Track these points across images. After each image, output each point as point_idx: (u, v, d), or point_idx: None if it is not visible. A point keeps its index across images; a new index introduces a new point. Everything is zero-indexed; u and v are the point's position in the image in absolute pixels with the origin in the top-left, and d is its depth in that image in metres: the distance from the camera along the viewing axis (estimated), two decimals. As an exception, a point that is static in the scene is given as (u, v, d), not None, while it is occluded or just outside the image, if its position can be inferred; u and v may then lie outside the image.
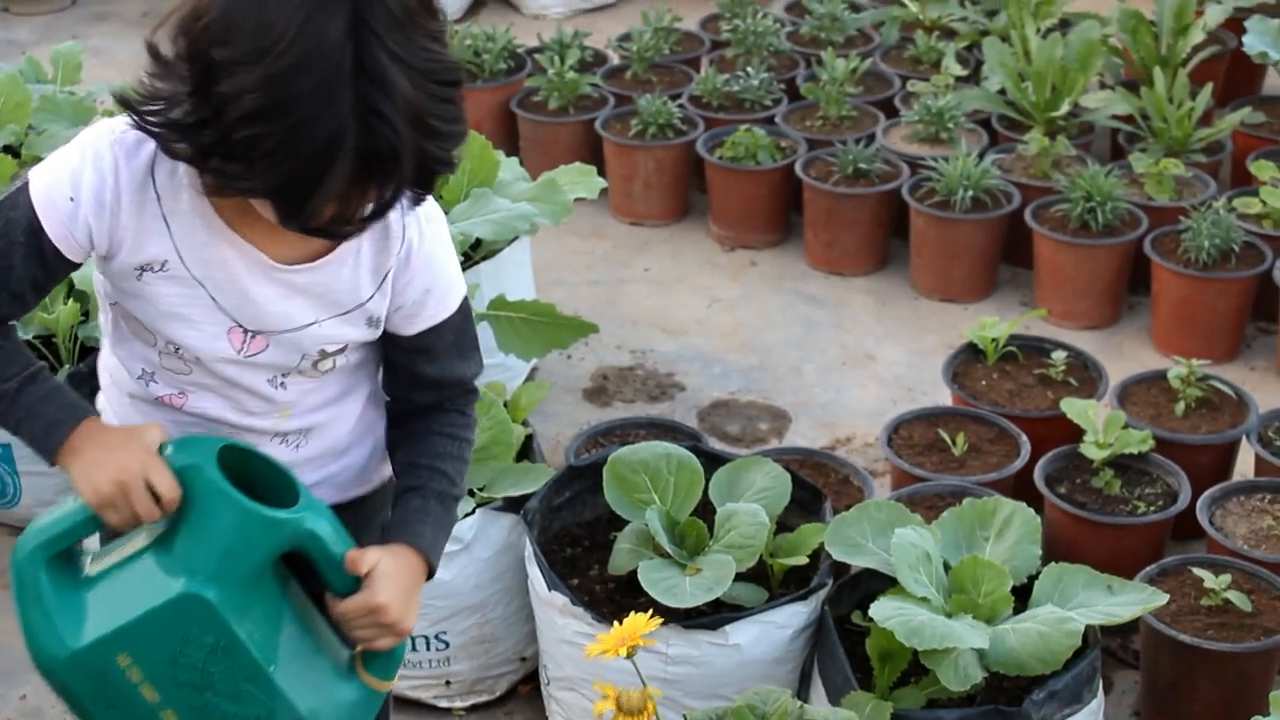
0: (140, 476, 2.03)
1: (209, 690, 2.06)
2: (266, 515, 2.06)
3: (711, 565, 3.13)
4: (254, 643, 2.06)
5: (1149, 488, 3.75)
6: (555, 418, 4.46)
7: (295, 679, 2.11)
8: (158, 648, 2.03)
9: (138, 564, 2.06)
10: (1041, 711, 2.98)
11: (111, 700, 2.04)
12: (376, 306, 2.20)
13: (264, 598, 2.11)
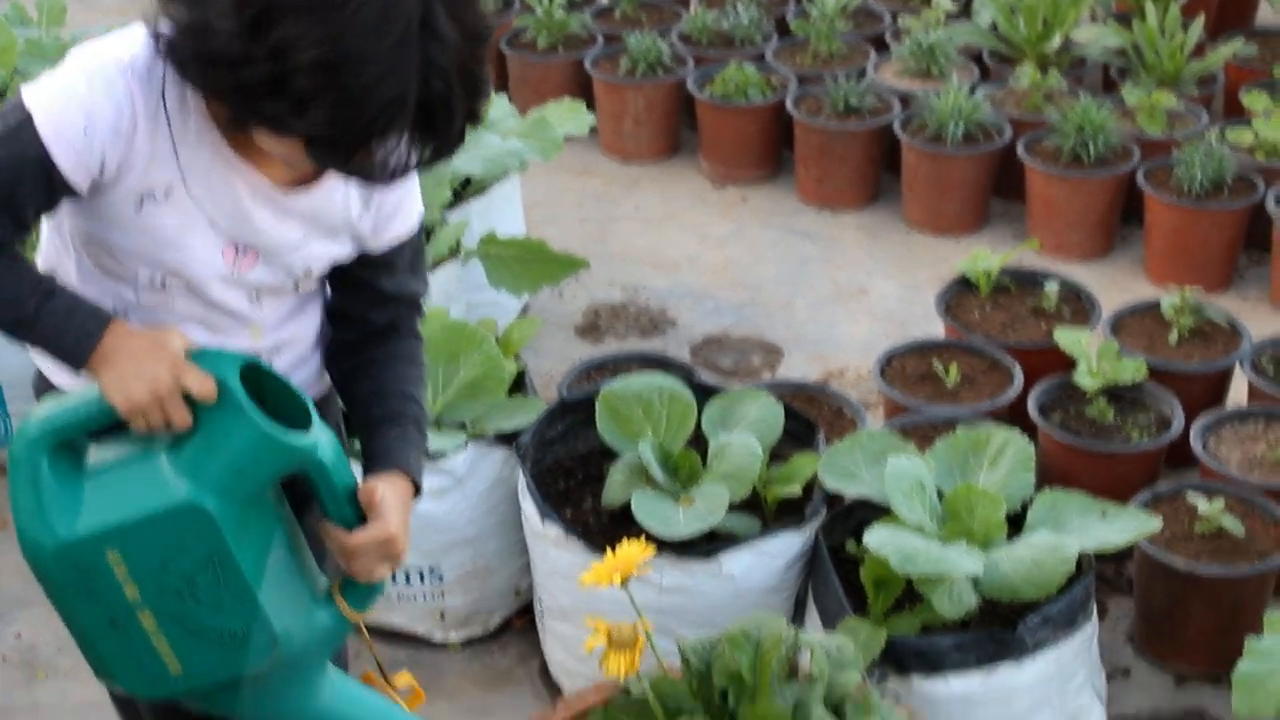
0: (174, 385, 2.03)
1: (191, 599, 2.05)
2: (282, 439, 2.06)
3: (705, 496, 3.12)
4: (245, 561, 2.06)
5: (1142, 416, 3.75)
6: (548, 354, 4.46)
7: (276, 600, 2.11)
8: (150, 551, 2.03)
9: (145, 466, 2.05)
10: (1036, 636, 2.98)
11: (92, 593, 2.04)
12: (361, 225, 2.22)
13: (260, 517, 2.11)
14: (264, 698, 2.18)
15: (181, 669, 2.10)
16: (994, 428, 3.27)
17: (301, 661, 2.18)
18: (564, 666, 3.35)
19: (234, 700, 2.16)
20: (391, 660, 3.50)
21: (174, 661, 2.09)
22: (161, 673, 2.10)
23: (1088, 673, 3.16)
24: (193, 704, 2.20)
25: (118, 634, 2.07)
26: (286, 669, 2.17)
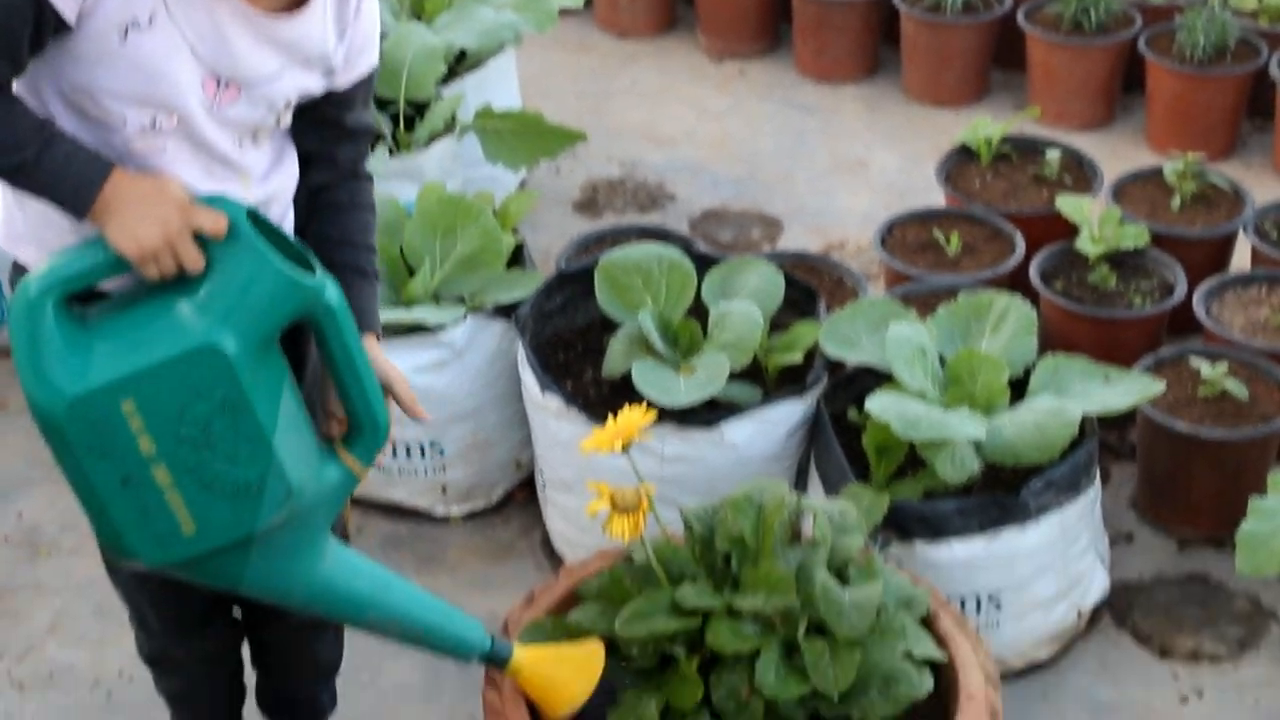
0: (184, 226, 2.01)
1: (207, 449, 2.04)
2: (294, 277, 2.05)
3: (706, 364, 3.11)
4: (260, 406, 2.05)
5: (1145, 281, 3.72)
6: (545, 229, 4.43)
7: (289, 450, 2.10)
8: (166, 398, 2.01)
9: (157, 312, 2.03)
10: (1039, 500, 2.98)
11: (105, 449, 2.02)
12: (335, 57, 2.23)
13: (271, 365, 2.09)
14: (270, 561, 2.17)
15: (195, 528, 2.09)
16: (996, 293, 3.24)
17: (310, 518, 2.18)
18: (565, 538, 3.35)
19: (241, 565, 2.15)
20: (393, 535, 3.51)
21: (187, 520, 2.08)
22: (173, 533, 2.09)
23: (1091, 537, 3.16)
24: (198, 575, 2.19)
25: (130, 493, 2.05)
26: (295, 527, 2.16)
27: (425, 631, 2.34)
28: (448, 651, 2.38)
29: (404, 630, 2.33)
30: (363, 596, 2.28)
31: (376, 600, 2.29)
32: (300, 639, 2.69)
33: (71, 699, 3.14)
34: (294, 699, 2.79)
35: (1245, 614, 3.29)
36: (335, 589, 2.25)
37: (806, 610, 2.51)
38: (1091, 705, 3.10)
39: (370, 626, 2.33)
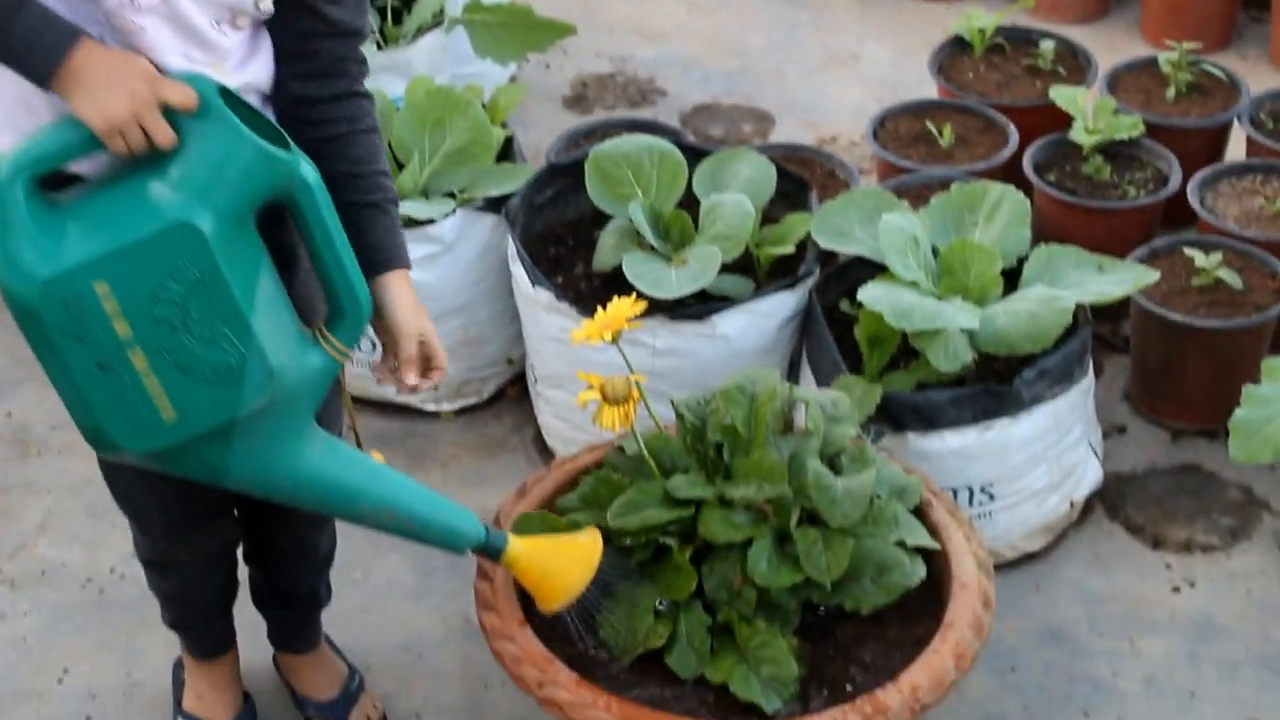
0: (152, 98, 1.98)
1: (184, 331, 2.02)
2: (269, 151, 2.02)
3: (697, 256, 3.09)
4: (237, 285, 2.02)
5: (1139, 173, 3.70)
6: (535, 125, 4.39)
7: (268, 332, 2.08)
8: (140, 278, 1.99)
9: (128, 191, 2.01)
10: (1032, 390, 2.97)
11: (80, 333, 2.00)
12: None
13: (247, 245, 2.06)
14: (254, 450, 2.15)
15: (175, 414, 2.07)
16: (989, 183, 3.22)
17: (293, 405, 2.16)
18: (557, 433, 3.34)
19: (224, 455, 2.14)
20: (385, 432, 3.50)
21: (167, 405, 2.06)
22: (153, 420, 2.07)
23: (1084, 428, 3.15)
24: (180, 466, 2.17)
25: (107, 379, 2.03)
26: (278, 414, 2.14)
27: (418, 523, 2.32)
28: (441, 543, 2.37)
29: (396, 522, 2.32)
30: (352, 487, 2.27)
31: (367, 491, 2.28)
32: (300, 534, 2.69)
33: (63, 596, 3.14)
34: (291, 593, 2.79)
35: (1238, 504, 3.29)
36: (323, 479, 2.24)
37: (799, 499, 2.51)
38: (1084, 596, 3.11)
39: (361, 518, 2.31)
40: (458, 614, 3.08)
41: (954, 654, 2.44)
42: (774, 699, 2.42)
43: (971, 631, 2.47)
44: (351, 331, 2.19)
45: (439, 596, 3.12)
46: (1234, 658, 2.98)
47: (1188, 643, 3.01)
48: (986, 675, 2.95)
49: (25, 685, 2.97)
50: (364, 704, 2.85)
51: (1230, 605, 3.08)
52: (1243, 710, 2.88)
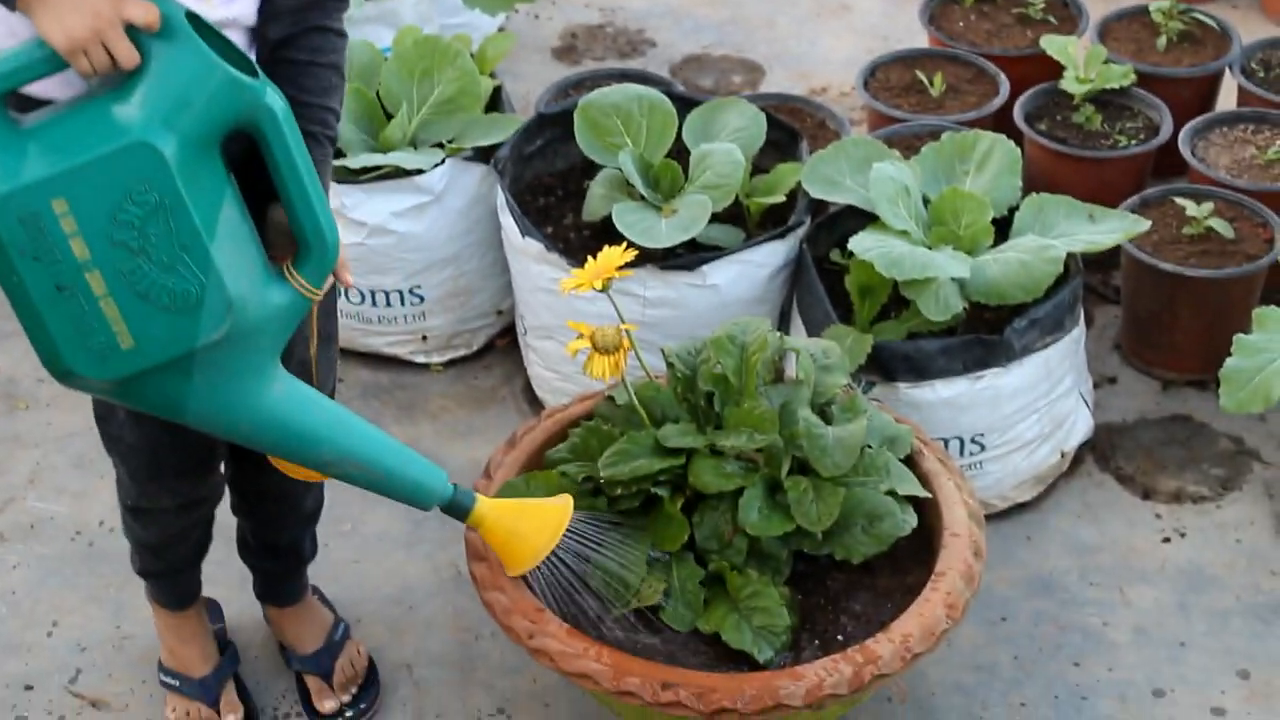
0: (115, 16, 1.95)
1: (143, 255, 2.00)
2: (235, 75, 1.99)
3: (687, 206, 3.07)
4: (198, 211, 2.00)
5: (1130, 122, 3.68)
6: (524, 77, 4.37)
7: (229, 262, 2.05)
8: (99, 198, 1.97)
9: (90, 110, 1.98)
10: (1023, 340, 2.96)
11: (38, 251, 1.98)
12: None
13: (211, 173, 2.04)
14: (214, 386, 2.12)
15: (133, 341, 2.05)
16: (980, 132, 3.21)
17: (255, 341, 2.12)
18: (547, 384, 3.33)
19: (184, 389, 2.10)
20: (374, 384, 3.49)
21: (124, 332, 2.04)
22: (111, 346, 2.04)
23: (1075, 379, 3.15)
24: (139, 399, 2.14)
25: (64, 301, 2.01)
26: (239, 350, 2.10)
27: (384, 475, 2.29)
28: (407, 498, 2.34)
29: (361, 472, 2.28)
30: (315, 433, 2.23)
31: (331, 438, 2.24)
32: (287, 488, 2.68)
33: (52, 549, 3.13)
34: (276, 545, 2.78)
35: (1228, 454, 3.29)
36: (285, 423, 2.20)
37: (789, 449, 2.51)
38: (1074, 546, 3.11)
39: (324, 466, 2.27)
40: (448, 565, 3.08)
41: (945, 603, 2.44)
42: (766, 648, 2.42)
43: (963, 580, 2.47)
44: (318, 269, 2.15)
45: (429, 547, 3.12)
46: (1224, 607, 2.98)
47: (1178, 593, 3.01)
48: (977, 625, 2.95)
49: (14, 638, 2.97)
50: (349, 652, 2.85)
51: (1220, 555, 3.08)
52: (1232, 660, 2.89)
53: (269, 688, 2.88)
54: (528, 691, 2.85)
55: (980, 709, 2.81)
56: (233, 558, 2.85)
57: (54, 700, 2.86)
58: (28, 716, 2.83)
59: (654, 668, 2.37)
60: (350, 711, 2.81)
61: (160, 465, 2.48)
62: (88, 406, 3.36)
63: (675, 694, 2.33)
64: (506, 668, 2.89)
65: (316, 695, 2.82)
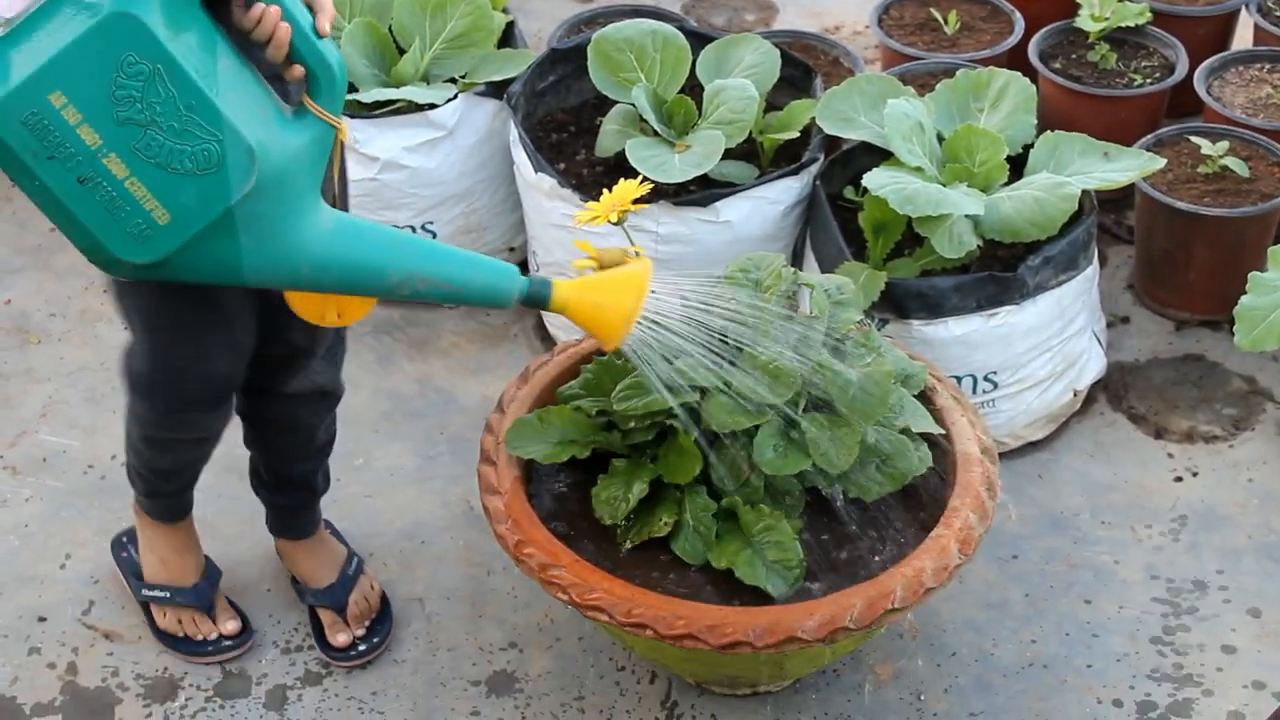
0: None
1: (153, 127, 1.99)
2: None
3: (700, 141, 3.06)
4: (191, 65, 1.98)
5: (1146, 61, 3.66)
6: (537, 13, 4.34)
7: (239, 112, 2.03)
8: (93, 80, 1.96)
9: (57, 2, 1.96)
10: (1037, 277, 2.96)
11: (51, 150, 1.98)
12: None
13: (196, 27, 2.01)
14: (263, 238, 2.09)
15: (169, 215, 2.03)
16: (995, 69, 3.19)
17: (289, 184, 2.10)
18: (559, 321, 3.33)
19: (234, 249, 2.08)
20: (386, 319, 3.49)
21: (158, 208, 2.02)
22: (149, 225, 2.03)
23: (1088, 317, 3.14)
24: (195, 273, 2.12)
25: (92, 192, 2.00)
26: (275, 196, 2.08)
27: (455, 284, 2.21)
28: (484, 301, 2.26)
29: (432, 287, 2.21)
30: (376, 260, 2.18)
31: (393, 261, 2.18)
32: (299, 419, 2.70)
33: (64, 483, 3.13)
34: (289, 478, 2.79)
35: (1241, 394, 3.29)
36: (345, 257, 2.16)
37: (806, 387, 2.50)
38: (1086, 485, 3.11)
39: (395, 290, 2.20)
40: (460, 500, 3.08)
41: (958, 539, 2.44)
42: (779, 583, 2.42)
43: (976, 516, 2.47)
44: (331, 94, 2.12)
45: (441, 482, 3.12)
46: (1236, 547, 2.98)
47: (1189, 532, 3.01)
48: (988, 563, 2.95)
49: (28, 571, 2.97)
50: (362, 586, 2.86)
51: (1232, 495, 3.08)
52: (1244, 599, 2.89)
53: (281, 621, 2.88)
54: (539, 626, 2.85)
55: (991, 646, 2.82)
56: (244, 494, 2.86)
57: (67, 632, 2.87)
58: (41, 648, 2.84)
59: (667, 601, 2.37)
60: (364, 645, 2.82)
61: (187, 400, 2.49)
62: (99, 341, 3.38)
63: (688, 626, 2.33)
64: (518, 603, 2.89)
65: (330, 629, 2.83)
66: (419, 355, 3.41)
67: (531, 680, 2.78)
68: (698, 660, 2.52)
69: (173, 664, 2.81)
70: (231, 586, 2.91)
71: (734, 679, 2.68)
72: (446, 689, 2.77)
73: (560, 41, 3.54)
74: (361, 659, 2.82)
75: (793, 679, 2.73)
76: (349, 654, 2.82)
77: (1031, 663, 2.79)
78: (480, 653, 2.82)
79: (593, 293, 2.28)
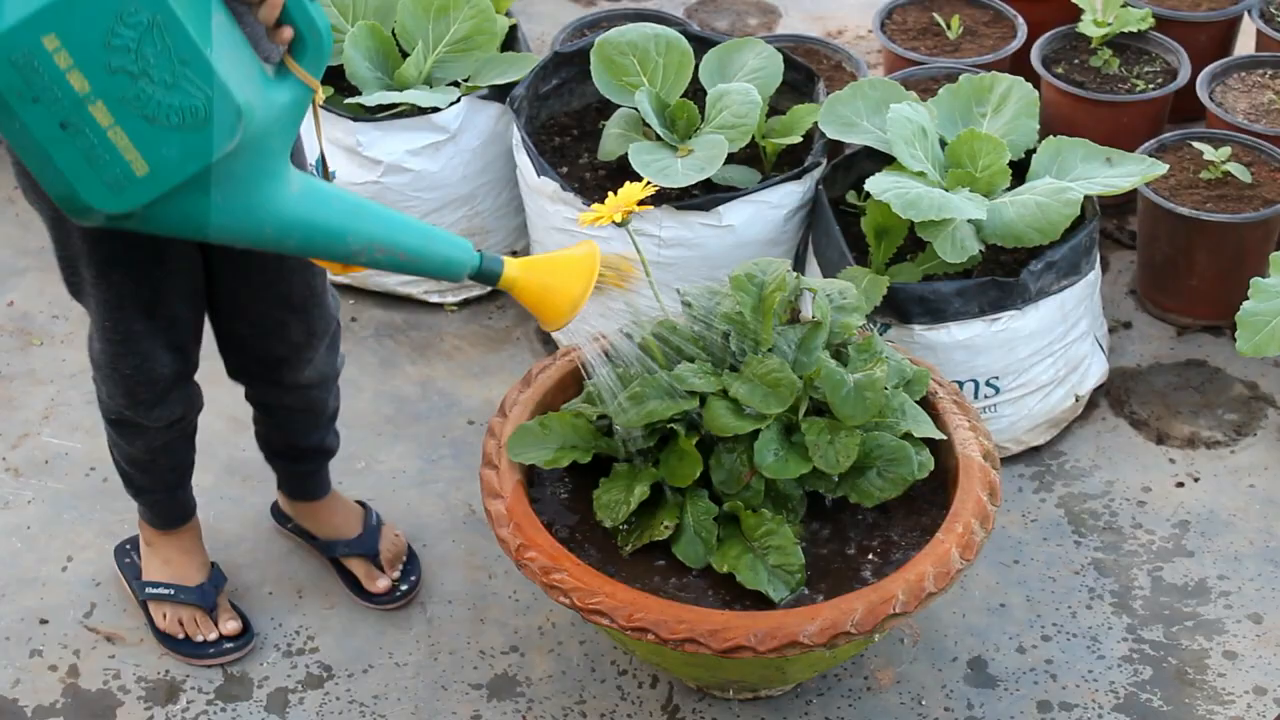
0: None
1: (144, 78, 1.97)
2: None
3: (703, 146, 3.06)
4: (190, 21, 1.97)
5: (1148, 66, 3.66)
6: (539, 17, 4.35)
7: (230, 70, 2.02)
8: (90, 27, 1.94)
9: None
10: (1039, 282, 2.96)
11: (37, 92, 1.95)
12: None
13: None
14: (233, 197, 2.09)
15: (147, 167, 2.01)
16: (997, 74, 3.19)
17: (265, 145, 2.10)
18: (562, 325, 3.33)
19: (204, 206, 2.08)
20: (387, 323, 3.49)
21: (137, 159, 2.01)
22: (126, 175, 2.01)
23: (1090, 323, 3.14)
24: (160, 224, 2.11)
25: (73, 138, 1.98)
26: (252, 155, 2.08)
27: (411, 254, 2.24)
28: (438, 273, 2.29)
29: (389, 256, 2.24)
30: (337, 225, 2.19)
31: (353, 227, 2.20)
32: (311, 400, 2.75)
33: (66, 484, 3.14)
34: (304, 447, 2.83)
35: (1242, 400, 3.29)
36: (309, 220, 2.17)
37: (807, 390, 2.50)
38: (1088, 490, 3.11)
39: (353, 257, 2.23)
40: (461, 504, 3.08)
41: (960, 544, 2.44)
42: (781, 587, 2.42)
43: (977, 521, 2.47)
44: (315, 57, 2.12)
45: (443, 485, 3.12)
46: (1237, 552, 2.99)
47: (1191, 537, 3.01)
48: (990, 567, 2.95)
49: (29, 573, 2.97)
50: (387, 534, 2.93)
51: (1233, 500, 3.08)
52: (1246, 604, 2.89)
53: (282, 624, 2.89)
54: (540, 630, 2.85)
55: (993, 650, 2.82)
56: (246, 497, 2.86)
57: (69, 634, 2.87)
58: (43, 650, 2.84)
59: (669, 605, 2.37)
60: (405, 585, 2.89)
61: (134, 396, 2.56)
62: (102, 343, 3.37)
63: (690, 631, 2.33)
64: (519, 606, 2.89)
65: (366, 578, 2.88)
66: (421, 358, 3.41)
67: (533, 684, 2.78)
68: (699, 664, 2.52)
69: (174, 666, 2.82)
70: (233, 589, 2.92)
71: (735, 683, 2.68)
72: (448, 692, 2.78)
73: (563, 45, 3.54)
74: (406, 599, 2.89)
75: (794, 683, 2.73)
76: (393, 596, 2.88)
77: (1033, 667, 2.79)
78: (482, 656, 2.83)
79: (541, 273, 2.32)
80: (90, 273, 2.42)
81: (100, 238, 2.37)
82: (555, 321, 2.34)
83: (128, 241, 2.37)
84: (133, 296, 2.44)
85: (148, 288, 2.45)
